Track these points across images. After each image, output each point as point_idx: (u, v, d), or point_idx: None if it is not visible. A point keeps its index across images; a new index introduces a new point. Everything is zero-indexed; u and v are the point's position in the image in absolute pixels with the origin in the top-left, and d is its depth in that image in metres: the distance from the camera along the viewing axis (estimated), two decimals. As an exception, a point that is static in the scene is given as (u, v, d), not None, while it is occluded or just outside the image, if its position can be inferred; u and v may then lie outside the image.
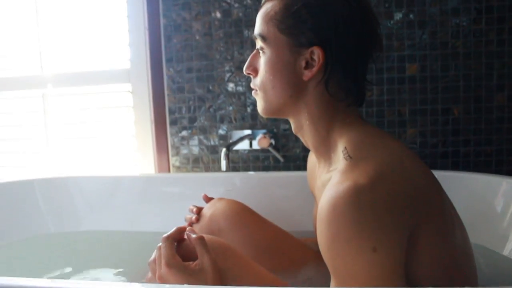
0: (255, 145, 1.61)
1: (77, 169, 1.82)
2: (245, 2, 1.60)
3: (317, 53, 0.77)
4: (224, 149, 1.32)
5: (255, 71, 0.87)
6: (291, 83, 0.81)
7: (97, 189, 1.56)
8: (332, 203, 0.65)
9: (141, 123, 1.74)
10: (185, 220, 1.14)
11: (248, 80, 1.62)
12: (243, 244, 1.04)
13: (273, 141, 1.60)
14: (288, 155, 1.63)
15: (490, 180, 1.28)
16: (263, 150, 1.64)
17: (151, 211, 1.51)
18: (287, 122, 1.60)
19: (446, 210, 0.74)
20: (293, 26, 0.78)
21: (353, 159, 0.71)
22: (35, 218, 1.53)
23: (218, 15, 1.62)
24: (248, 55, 0.78)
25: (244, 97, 1.64)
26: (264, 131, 1.61)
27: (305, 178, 1.47)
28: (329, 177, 0.76)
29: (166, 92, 1.69)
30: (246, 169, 1.67)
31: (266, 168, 1.66)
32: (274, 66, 0.81)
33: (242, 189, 1.47)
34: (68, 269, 1.30)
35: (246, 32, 1.61)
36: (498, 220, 1.21)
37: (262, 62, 0.84)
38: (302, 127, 0.86)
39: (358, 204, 0.64)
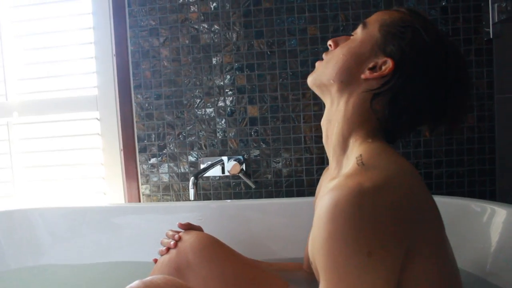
0: (227, 172, 1.58)
1: (44, 199, 1.76)
2: (213, 28, 1.59)
3: (388, 64, 0.79)
4: (192, 178, 1.28)
5: (335, 46, 0.88)
6: (350, 70, 0.83)
7: (61, 221, 1.51)
8: (334, 201, 0.64)
9: (110, 151, 1.69)
10: (161, 243, 1.09)
11: (218, 106, 1.60)
12: (211, 279, 1.02)
13: (243, 167, 1.57)
14: (259, 181, 1.61)
15: (459, 203, 1.28)
16: (234, 177, 1.61)
17: (118, 242, 1.47)
18: (258, 148, 1.59)
19: (443, 235, 0.74)
20: (391, 34, 0.81)
21: (364, 166, 0.72)
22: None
23: (186, 41, 1.60)
24: (217, 81, 0.78)
25: (214, 123, 1.61)
26: (234, 157, 1.58)
27: (279, 205, 1.46)
28: (334, 182, 0.75)
29: (134, 119, 1.66)
30: (217, 196, 1.64)
31: (237, 195, 1.63)
32: (351, 49, 0.84)
33: (214, 218, 1.44)
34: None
35: (214, 58, 1.59)
36: (472, 243, 1.21)
37: (346, 42, 0.86)
38: (331, 121, 0.87)
39: (360, 205, 0.63)
